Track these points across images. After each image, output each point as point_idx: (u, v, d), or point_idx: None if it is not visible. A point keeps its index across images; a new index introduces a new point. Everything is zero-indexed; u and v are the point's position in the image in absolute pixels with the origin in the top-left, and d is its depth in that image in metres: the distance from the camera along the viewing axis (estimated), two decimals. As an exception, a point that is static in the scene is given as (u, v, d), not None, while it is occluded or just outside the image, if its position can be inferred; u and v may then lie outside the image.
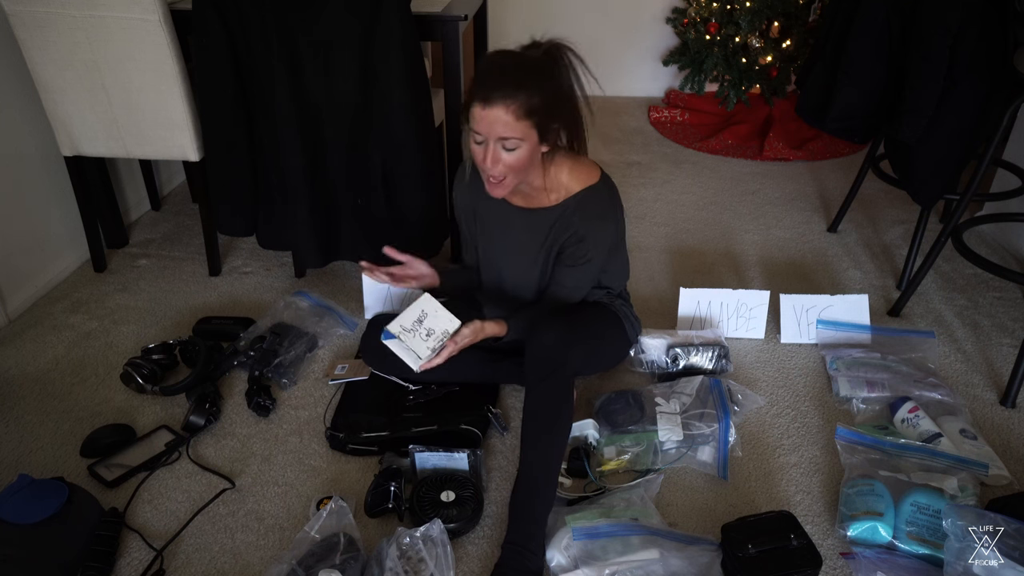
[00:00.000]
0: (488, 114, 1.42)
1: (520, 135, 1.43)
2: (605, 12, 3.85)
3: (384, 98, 1.93)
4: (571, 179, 1.60)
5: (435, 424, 1.70)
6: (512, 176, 1.50)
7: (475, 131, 1.46)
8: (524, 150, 1.46)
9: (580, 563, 1.36)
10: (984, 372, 1.95)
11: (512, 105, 1.40)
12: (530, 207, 1.65)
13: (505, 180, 1.51)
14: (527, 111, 1.42)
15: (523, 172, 1.52)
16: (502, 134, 1.43)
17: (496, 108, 1.41)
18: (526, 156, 1.47)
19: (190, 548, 1.47)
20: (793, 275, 2.39)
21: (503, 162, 1.47)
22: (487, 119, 1.42)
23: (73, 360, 1.98)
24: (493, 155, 1.46)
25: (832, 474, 1.64)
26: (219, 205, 2.20)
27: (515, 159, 1.46)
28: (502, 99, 1.40)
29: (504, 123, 1.42)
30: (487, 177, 1.52)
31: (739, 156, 3.29)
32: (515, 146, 1.45)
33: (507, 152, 1.46)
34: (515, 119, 1.42)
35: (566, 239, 1.62)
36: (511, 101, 1.40)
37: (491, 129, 1.43)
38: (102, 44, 1.97)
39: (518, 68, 1.44)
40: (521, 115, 1.42)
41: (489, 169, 1.48)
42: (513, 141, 1.44)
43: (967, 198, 1.92)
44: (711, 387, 1.78)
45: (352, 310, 2.17)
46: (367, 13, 1.84)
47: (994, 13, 1.81)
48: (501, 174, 1.49)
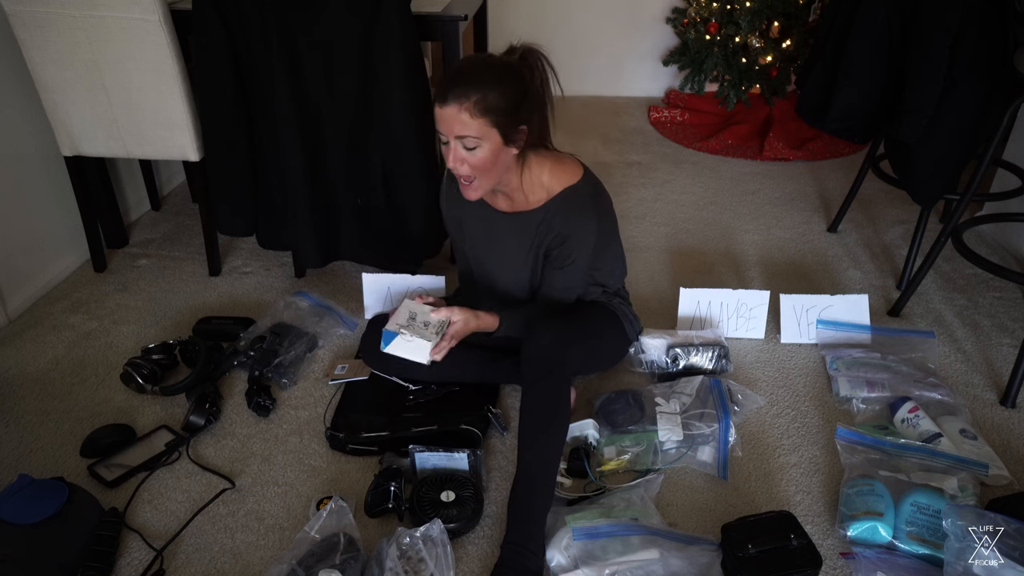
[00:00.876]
0: (444, 112, 1.43)
1: (477, 133, 1.43)
2: (605, 12, 3.85)
3: (384, 98, 1.93)
4: (552, 180, 1.60)
5: (435, 424, 1.69)
6: (481, 178, 1.50)
7: (438, 131, 1.48)
8: (486, 150, 1.46)
9: (580, 563, 1.36)
10: (984, 372, 1.95)
11: (466, 103, 1.41)
12: (514, 211, 1.65)
13: (475, 182, 1.51)
14: (483, 109, 1.42)
15: (491, 173, 1.51)
16: (459, 132, 1.44)
17: (450, 106, 1.42)
18: (489, 156, 1.47)
19: (190, 548, 1.47)
20: (793, 275, 2.39)
21: (467, 162, 1.47)
22: (443, 117, 1.44)
23: (73, 360, 1.98)
24: (455, 154, 1.47)
25: (832, 474, 1.64)
26: (219, 205, 2.20)
27: (478, 159, 1.46)
28: (455, 97, 1.41)
29: (459, 121, 1.42)
30: (458, 179, 1.53)
31: (739, 156, 3.29)
32: (474, 144, 1.45)
33: (468, 151, 1.46)
34: (470, 116, 1.42)
35: (550, 241, 1.62)
36: (464, 99, 1.41)
37: (448, 127, 1.44)
38: (102, 44, 1.98)
39: (477, 68, 1.46)
40: (476, 113, 1.41)
41: (455, 169, 1.49)
42: (471, 140, 1.44)
43: (967, 198, 1.92)
44: (711, 387, 1.78)
45: (352, 310, 2.17)
46: (367, 13, 1.84)
47: (994, 13, 1.81)
48: (468, 174, 1.49)
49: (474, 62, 1.49)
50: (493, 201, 1.67)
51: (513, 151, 1.51)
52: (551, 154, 1.61)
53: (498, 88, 1.42)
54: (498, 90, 1.42)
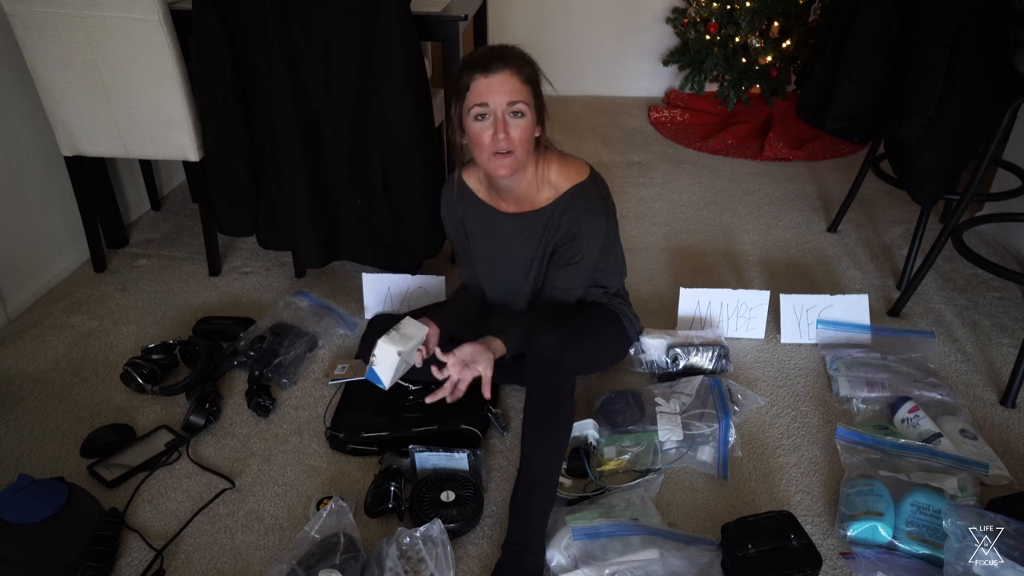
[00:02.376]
0: (491, 80, 1.44)
1: (526, 99, 1.46)
2: (605, 12, 3.85)
3: (384, 98, 1.93)
4: (560, 177, 1.60)
5: (435, 424, 1.69)
6: (520, 149, 1.49)
7: (477, 105, 1.46)
8: (529, 119, 1.48)
9: (580, 563, 1.36)
10: (984, 372, 1.95)
11: (515, 70, 1.45)
12: (521, 211, 1.64)
13: (514, 154, 1.49)
14: (527, 78, 1.47)
15: (527, 149, 1.51)
16: (512, 97, 1.45)
17: (501, 74, 1.44)
18: (530, 127, 1.49)
19: (190, 548, 1.47)
20: (793, 275, 2.39)
21: (511, 133, 1.47)
22: (494, 85, 1.44)
23: (73, 360, 1.98)
24: (502, 124, 1.46)
25: (832, 474, 1.64)
26: (219, 205, 2.20)
27: (522, 129, 1.47)
28: (505, 65, 1.44)
29: (512, 86, 1.45)
30: (492, 155, 1.49)
31: (739, 156, 3.29)
32: (523, 111, 1.46)
33: (516, 119, 1.46)
34: (520, 82, 1.45)
35: (559, 238, 1.62)
36: (513, 67, 1.45)
37: (500, 94, 1.44)
38: (102, 44, 1.98)
39: (507, 48, 1.50)
40: (524, 80, 1.46)
41: (499, 142, 1.47)
42: (521, 105, 1.46)
43: (967, 198, 1.92)
44: (711, 387, 1.78)
45: (352, 310, 2.17)
46: (367, 13, 1.84)
47: (994, 13, 1.81)
48: (509, 148, 1.47)
49: (499, 45, 1.51)
50: (497, 203, 1.67)
51: (537, 133, 1.54)
52: (556, 153, 1.62)
53: (532, 65, 1.49)
54: (532, 67, 1.49)
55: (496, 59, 1.45)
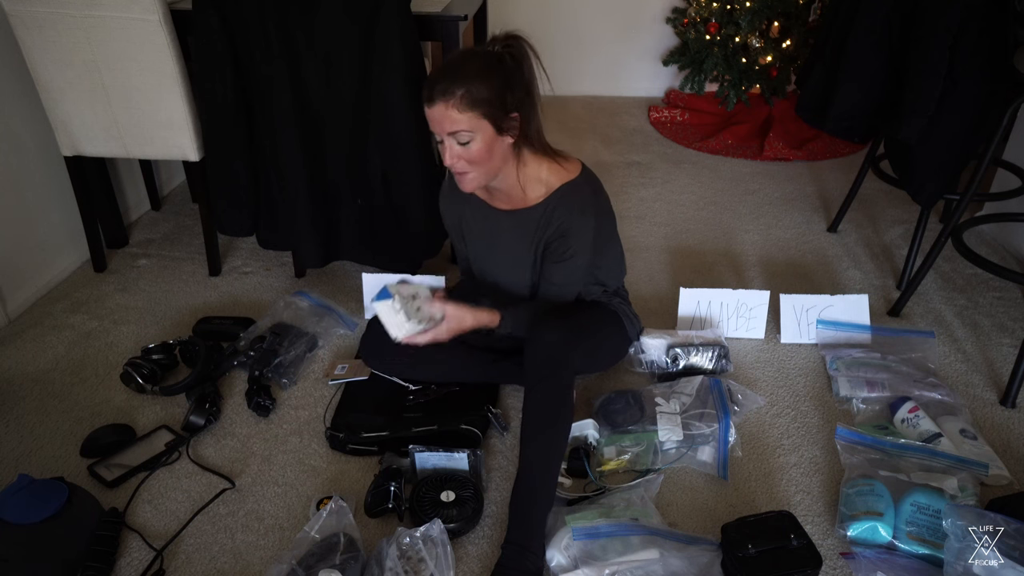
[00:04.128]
0: (432, 112, 1.46)
1: (468, 127, 1.45)
2: (605, 12, 3.85)
3: (384, 98, 1.93)
4: (551, 175, 1.60)
5: (435, 424, 1.70)
6: (476, 170, 1.51)
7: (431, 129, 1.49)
8: (479, 142, 1.47)
9: (580, 563, 1.36)
10: (984, 372, 1.95)
11: (451, 99, 1.42)
12: (514, 208, 1.65)
13: (470, 174, 1.51)
14: (471, 102, 1.43)
15: (489, 165, 1.52)
16: (449, 129, 1.45)
17: (437, 105, 1.44)
18: (484, 148, 1.48)
19: (190, 548, 1.47)
20: (793, 275, 2.39)
21: (463, 157, 1.48)
22: (432, 117, 1.46)
23: (73, 360, 1.98)
24: (451, 151, 1.48)
25: (832, 474, 1.64)
26: (219, 205, 2.20)
27: (473, 153, 1.48)
28: (441, 94, 1.43)
29: (449, 118, 1.44)
30: (454, 172, 1.53)
31: (739, 156, 3.29)
32: (467, 139, 1.46)
33: (461, 146, 1.47)
34: (458, 112, 1.43)
35: (550, 235, 1.62)
36: (449, 96, 1.42)
37: (439, 125, 1.46)
38: (102, 44, 1.98)
39: (458, 62, 1.47)
40: (464, 107, 1.43)
41: (452, 166, 1.50)
42: (463, 134, 1.45)
43: (967, 198, 1.92)
44: (711, 387, 1.78)
45: (352, 310, 2.17)
46: (367, 13, 1.84)
47: (994, 13, 1.81)
48: (463, 169, 1.50)
49: (454, 57, 1.51)
50: (492, 200, 1.68)
51: (508, 140, 1.52)
52: (548, 152, 1.62)
53: (482, 79, 1.43)
54: (482, 81, 1.43)
55: (435, 88, 1.43)
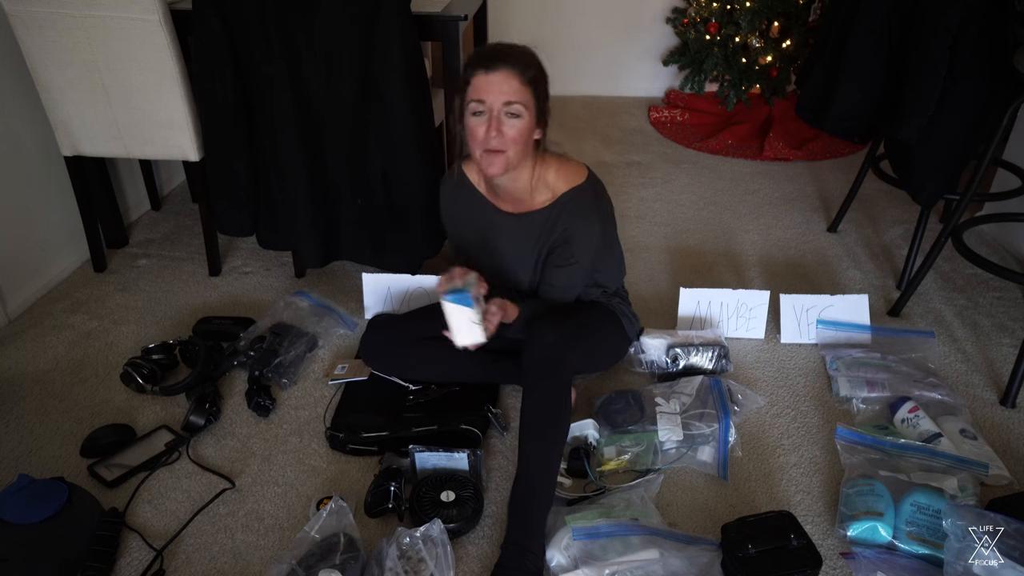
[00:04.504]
0: (491, 78, 1.44)
1: (524, 101, 1.46)
2: (605, 12, 3.85)
3: (384, 98, 1.93)
4: (558, 180, 1.60)
5: (435, 424, 1.70)
6: (512, 150, 1.49)
7: (476, 100, 1.47)
8: (525, 121, 1.48)
9: (580, 563, 1.36)
10: (984, 372, 1.95)
11: (515, 70, 1.45)
12: (519, 211, 1.64)
13: (505, 154, 1.49)
14: (529, 80, 1.46)
15: (521, 148, 1.50)
16: (509, 97, 1.45)
17: (500, 72, 1.44)
18: (526, 129, 1.49)
19: (190, 548, 1.47)
20: (793, 275, 2.39)
21: (506, 132, 1.47)
22: (490, 83, 1.44)
23: (73, 360, 1.98)
24: (497, 122, 1.46)
25: (832, 474, 1.64)
26: (219, 205, 2.20)
27: (517, 129, 1.47)
28: (506, 64, 1.44)
29: (510, 86, 1.44)
30: (484, 152, 1.50)
31: (739, 156, 3.29)
32: (519, 112, 1.46)
33: (511, 119, 1.46)
34: (520, 83, 1.45)
35: (554, 240, 1.62)
36: (515, 67, 1.45)
37: (497, 92, 1.44)
38: (102, 44, 1.98)
39: (516, 47, 1.50)
40: (525, 82, 1.45)
41: (491, 140, 1.47)
42: (517, 106, 1.46)
43: (967, 198, 1.92)
44: (711, 387, 1.78)
45: (352, 310, 2.17)
46: (367, 13, 1.84)
47: (994, 13, 1.81)
48: (501, 146, 1.48)
49: (509, 44, 1.51)
50: (497, 200, 1.67)
51: (536, 136, 1.54)
52: (555, 156, 1.62)
53: (537, 67, 1.48)
54: (537, 68, 1.48)
55: (499, 57, 1.45)
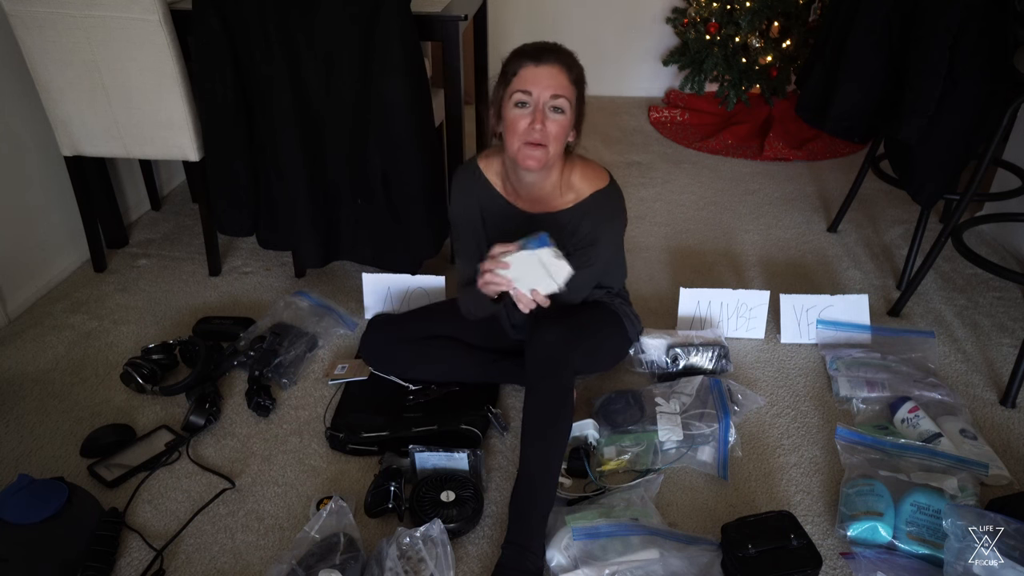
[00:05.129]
0: (540, 71, 1.44)
1: (569, 97, 1.47)
2: (605, 12, 3.85)
3: (384, 98, 1.93)
4: (582, 182, 1.60)
5: (435, 424, 1.69)
6: (553, 145, 1.48)
7: (522, 91, 1.45)
8: (568, 118, 1.48)
9: (580, 563, 1.36)
10: (984, 372, 1.95)
11: (564, 67, 1.46)
12: (536, 211, 1.63)
13: (546, 148, 1.47)
14: (575, 79, 1.48)
15: (559, 145, 1.50)
16: (557, 91, 1.45)
17: (551, 66, 1.45)
18: (566, 126, 1.49)
19: (190, 548, 1.47)
20: (793, 275, 2.39)
21: (548, 127, 1.46)
22: (541, 75, 1.44)
23: (73, 360, 1.98)
24: (541, 116, 1.45)
25: (832, 474, 1.64)
26: (219, 205, 2.20)
27: (559, 125, 1.47)
28: (556, 60, 1.45)
29: (560, 81, 1.45)
30: (524, 144, 1.47)
31: (739, 156, 3.29)
32: (564, 107, 1.46)
33: (555, 114, 1.46)
34: (568, 80, 1.46)
35: (576, 242, 1.60)
36: (563, 63, 1.46)
37: (546, 85, 1.44)
38: (102, 44, 1.98)
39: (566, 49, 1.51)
40: (572, 79, 1.47)
41: (534, 132, 1.45)
42: (563, 101, 1.46)
43: (967, 198, 1.92)
44: (711, 387, 1.78)
45: (352, 310, 2.17)
46: (367, 13, 1.84)
47: (994, 13, 1.81)
48: (543, 139, 1.46)
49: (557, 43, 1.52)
50: (515, 199, 1.65)
51: (571, 138, 1.55)
52: (580, 158, 1.63)
53: (581, 69, 1.50)
54: (581, 71, 1.50)
55: (549, 52, 1.47)
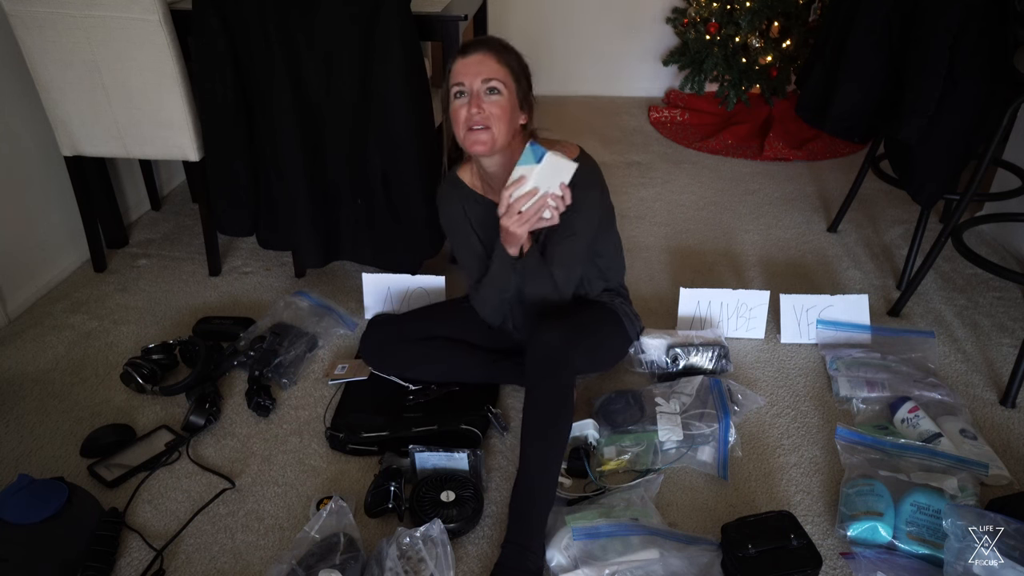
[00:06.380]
0: (467, 61, 1.53)
1: (501, 78, 1.53)
2: (605, 12, 3.85)
3: (384, 98, 1.93)
4: None
5: (435, 424, 1.70)
6: (496, 126, 1.53)
7: (456, 84, 1.54)
8: (505, 99, 1.54)
9: (580, 563, 1.36)
10: (984, 372, 1.95)
11: (489, 51, 1.54)
12: None
13: (489, 130, 1.53)
14: (505, 61, 1.55)
15: (505, 125, 1.54)
16: (485, 75, 1.52)
17: (475, 55, 1.54)
18: (508, 106, 1.54)
19: (190, 548, 1.47)
20: (793, 275, 2.39)
21: (486, 109, 1.52)
22: (467, 65, 1.53)
23: (73, 360, 1.98)
24: (477, 100, 1.52)
25: (832, 474, 1.64)
26: (219, 205, 2.20)
27: (499, 107, 1.53)
28: (480, 48, 1.55)
29: (486, 65, 1.53)
30: (468, 132, 1.54)
31: (739, 156, 3.29)
32: (498, 88, 1.53)
33: (491, 95, 1.53)
34: (495, 62, 1.53)
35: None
36: (488, 49, 1.55)
37: (474, 72, 1.52)
38: (102, 44, 1.98)
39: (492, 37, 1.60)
40: (500, 61, 1.54)
41: (473, 115, 1.52)
42: (495, 83, 1.52)
43: (967, 198, 1.92)
44: (711, 387, 1.78)
45: (352, 310, 2.17)
46: (367, 13, 1.84)
47: (994, 13, 1.81)
48: (484, 122, 1.52)
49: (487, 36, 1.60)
50: (493, 195, 1.67)
51: (522, 119, 1.60)
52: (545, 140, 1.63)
53: (512, 51, 1.58)
54: (512, 53, 1.58)
55: (476, 43, 1.56)
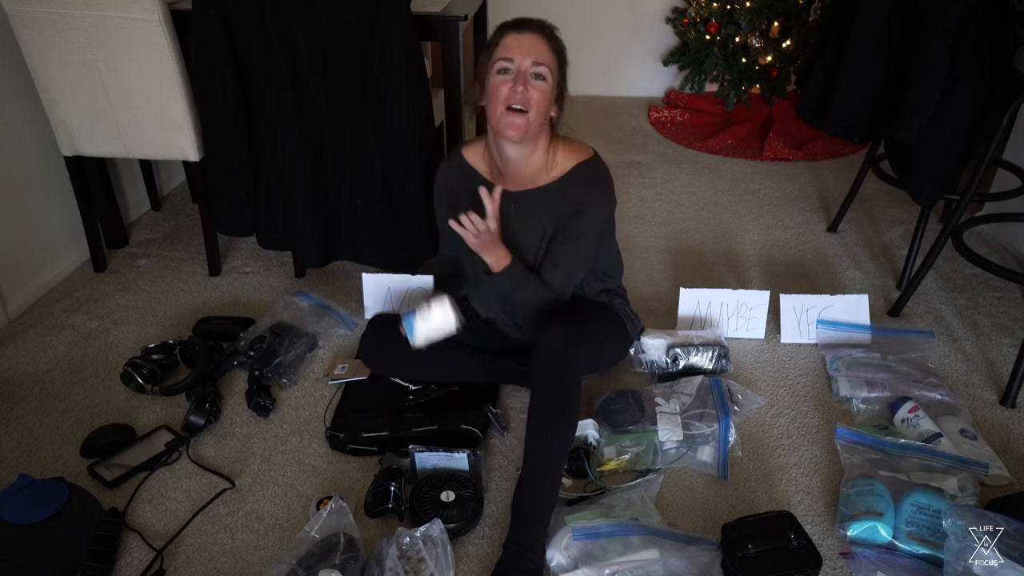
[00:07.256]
0: (524, 38, 1.50)
1: (550, 65, 1.51)
2: (605, 12, 3.85)
3: (384, 98, 1.93)
4: (565, 157, 1.64)
5: (435, 424, 1.70)
6: (534, 112, 1.51)
7: (504, 59, 1.50)
8: (548, 86, 1.52)
9: (580, 563, 1.36)
10: (984, 372, 1.95)
11: (544, 35, 1.52)
12: (524, 188, 1.64)
13: (527, 115, 1.50)
14: (555, 49, 1.53)
15: (541, 112, 1.53)
16: (536, 58, 1.49)
17: (532, 34, 1.50)
18: (549, 94, 1.52)
19: (190, 548, 1.47)
20: (793, 275, 2.39)
21: (529, 92, 1.49)
22: (522, 42, 1.50)
23: (73, 360, 1.98)
24: (523, 80, 1.49)
25: (832, 474, 1.64)
26: (219, 205, 2.20)
27: (541, 93, 1.50)
28: (536, 29, 1.51)
29: (539, 48, 1.50)
30: (505, 111, 1.50)
31: (739, 156, 3.29)
32: (545, 75, 1.50)
33: (537, 81, 1.50)
34: (547, 48, 1.51)
35: (564, 213, 1.62)
36: (544, 33, 1.52)
37: (526, 52, 1.49)
38: (102, 44, 1.98)
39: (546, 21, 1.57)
40: (552, 49, 1.52)
41: (516, 94, 1.49)
42: (544, 68, 1.50)
43: (967, 198, 1.92)
44: (711, 387, 1.78)
45: (352, 310, 2.17)
46: (367, 13, 1.84)
47: (994, 13, 1.81)
48: (524, 104, 1.49)
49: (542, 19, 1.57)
50: (500, 181, 1.65)
51: (554, 112, 1.58)
52: (562, 137, 1.66)
53: (562, 43, 1.55)
54: (562, 44, 1.55)
55: (531, 22, 1.53)
